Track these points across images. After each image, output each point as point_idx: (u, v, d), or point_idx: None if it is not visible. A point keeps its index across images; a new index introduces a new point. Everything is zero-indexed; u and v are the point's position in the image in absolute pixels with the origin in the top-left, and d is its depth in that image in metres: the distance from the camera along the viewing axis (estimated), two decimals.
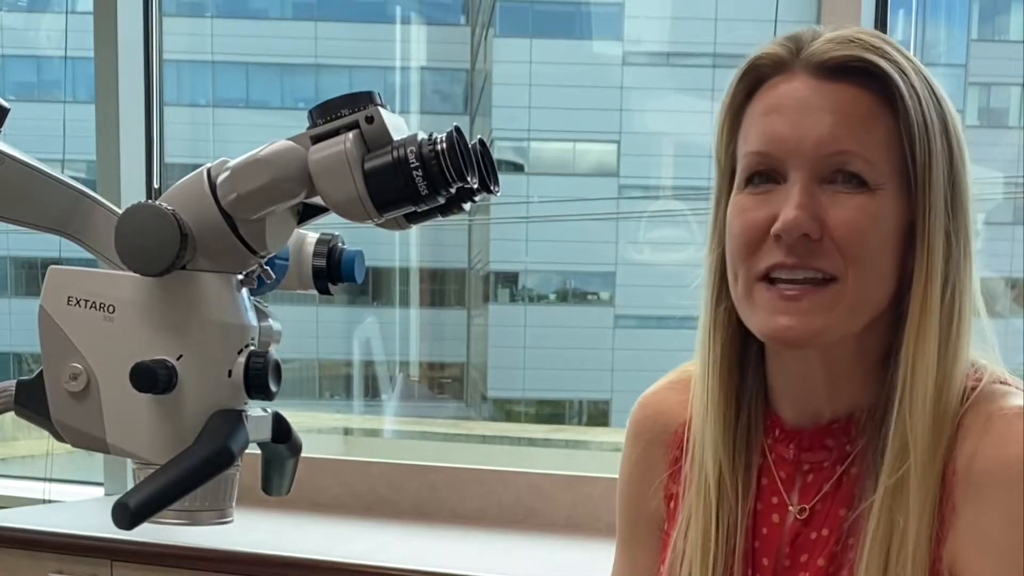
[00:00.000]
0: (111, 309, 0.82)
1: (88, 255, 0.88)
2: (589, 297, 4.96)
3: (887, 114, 1.04)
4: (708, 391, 1.13)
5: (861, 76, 1.04)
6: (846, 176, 1.03)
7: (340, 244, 0.96)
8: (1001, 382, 1.09)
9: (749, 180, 1.07)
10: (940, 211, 1.04)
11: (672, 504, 1.20)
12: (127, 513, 0.78)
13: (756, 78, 1.08)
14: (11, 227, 0.89)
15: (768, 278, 1.05)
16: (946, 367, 1.05)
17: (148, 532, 0.90)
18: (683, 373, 1.23)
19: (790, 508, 1.13)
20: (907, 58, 1.06)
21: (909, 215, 1.05)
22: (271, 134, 0.82)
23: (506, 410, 4.73)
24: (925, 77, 1.06)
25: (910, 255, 1.05)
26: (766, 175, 1.05)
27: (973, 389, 1.07)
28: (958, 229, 1.05)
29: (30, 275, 4.21)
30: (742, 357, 1.14)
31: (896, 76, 1.03)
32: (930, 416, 1.04)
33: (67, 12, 3.17)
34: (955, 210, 1.05)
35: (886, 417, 1.06)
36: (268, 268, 0.86)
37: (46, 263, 0.87)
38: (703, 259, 1.14)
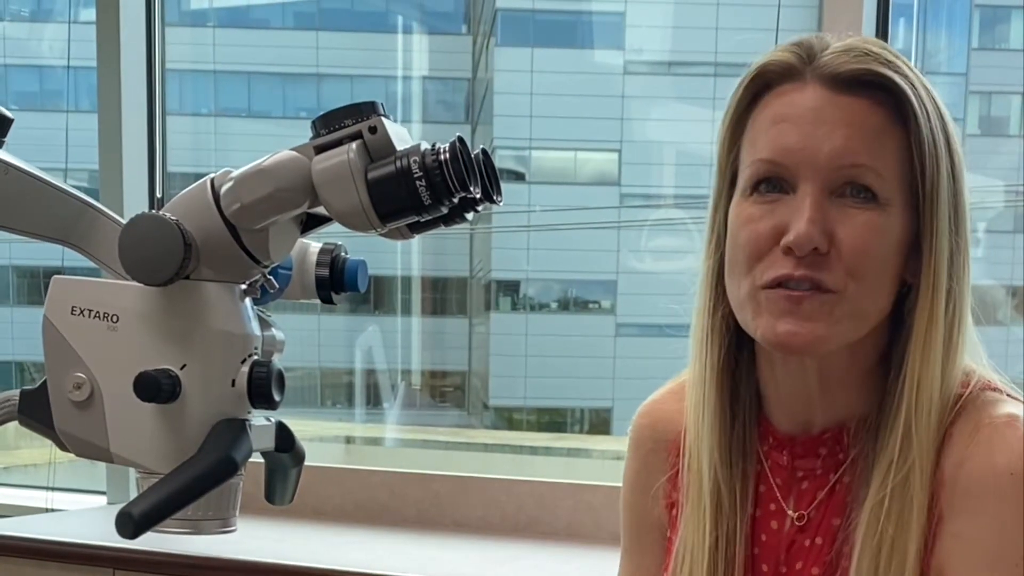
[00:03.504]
0: (115, 319, 0.82)
1: (91, 264, 0.89)
2: (590, 306, 4.97)
3: (898, 129, 1.04)
4: (704, 397, 1.13)
5: (875, 90, 1.04)
6: (856, 189, 1.03)
7: (343, 253, 0.96)
8: (991, 388, 1.08)
9: (755, 187, 1.06)
10: (945, 226, 1.04)
11: (674, 511, 1.20)
12: (131, 522, 0.78)
13: (763, 84, 1.07)
14: (14, 236, 0.89)
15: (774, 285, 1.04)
16: (946, 377, 1.05)
17: (151, 541, 0.90)
18: (682, 381, 1.22)
19: (789, 514, 1.13)
20: (913, 71, 1.06)
21: (914, 229, 1.05)
22: (273, 143, 0.82)
23: (508, 418, 4.73)
24: (929, 91, 1.06)
25: (910, 266, 1.06)
26: (774, 183, 1.05)
27: (961, 396, 1.07)
28: (959, 242, 1.06)
29: (32, 284, 4.21)
30: (735, 365, 1.13)
31: (909, 92, 1.03)
32: (934, 426, 1.04)
33: (70, 22, 3.17)
34: (957, 224, 1.05)
35: (881, 426, 1.06)
36: (271, 278, 0.86)
37: (49, 272, 0.87)
38: (700, 263, 1.13)
